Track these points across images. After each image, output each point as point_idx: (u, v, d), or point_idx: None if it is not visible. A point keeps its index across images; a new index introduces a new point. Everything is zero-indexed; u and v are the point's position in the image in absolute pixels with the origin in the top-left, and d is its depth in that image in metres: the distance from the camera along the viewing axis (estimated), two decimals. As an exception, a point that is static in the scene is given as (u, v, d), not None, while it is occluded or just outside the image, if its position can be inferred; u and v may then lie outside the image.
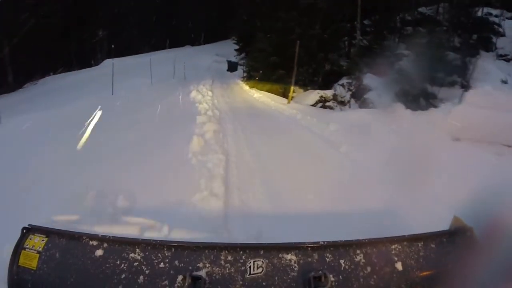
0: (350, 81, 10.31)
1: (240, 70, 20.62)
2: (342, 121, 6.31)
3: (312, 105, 9.91)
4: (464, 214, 1.13)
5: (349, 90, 9.82)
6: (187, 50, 28.63)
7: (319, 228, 2.24)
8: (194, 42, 33.06)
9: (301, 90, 11.29)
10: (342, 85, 10.34)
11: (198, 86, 12.05)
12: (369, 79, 9.14)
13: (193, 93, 10.01)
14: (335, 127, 5.86)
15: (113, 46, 20.81)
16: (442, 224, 1.18)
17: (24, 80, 17.84)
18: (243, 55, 22.90)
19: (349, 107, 9.24)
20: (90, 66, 22.26)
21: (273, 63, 12.66)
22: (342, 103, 9.55)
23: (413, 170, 3.07)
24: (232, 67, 22.49)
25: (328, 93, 9.96)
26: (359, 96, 9.09)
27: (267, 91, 13.01)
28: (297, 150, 4.79)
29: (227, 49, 26.72)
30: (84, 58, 24.41)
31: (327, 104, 9.71)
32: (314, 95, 10.42)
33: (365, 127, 5.45)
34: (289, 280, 1.01)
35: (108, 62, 19.78)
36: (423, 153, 3.54)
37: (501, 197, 1.17)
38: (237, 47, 23.69)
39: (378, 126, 5.52)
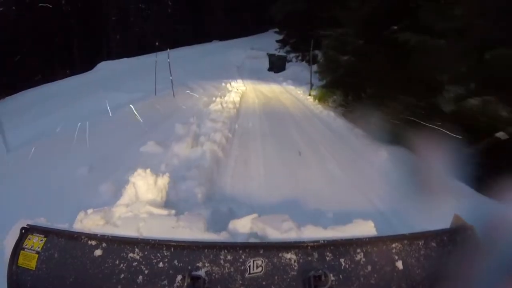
0: None
1: (291, 69, 13.03)
2: None
3: None
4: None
5: None
6: (214, 45, 23.07)
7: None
8: (226, 36, 27.36)
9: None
10: None
11: (176, 145, 4.03)
12: None
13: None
14: None
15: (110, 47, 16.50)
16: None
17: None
18: (287, 47, 16.58)
19: None
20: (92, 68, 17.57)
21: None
22: None
23: None
24: (277, 64, 13.74)
25: None
26: None
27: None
28: None
29: (265, 42, 20.51)
30: (90, 59, 20.06)
31: None
32: None
33: None
34: (289, 280, 0.99)
35: (102, 65, 15.18)
36: None
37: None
38: (279, 37, 17.48)
39: None
